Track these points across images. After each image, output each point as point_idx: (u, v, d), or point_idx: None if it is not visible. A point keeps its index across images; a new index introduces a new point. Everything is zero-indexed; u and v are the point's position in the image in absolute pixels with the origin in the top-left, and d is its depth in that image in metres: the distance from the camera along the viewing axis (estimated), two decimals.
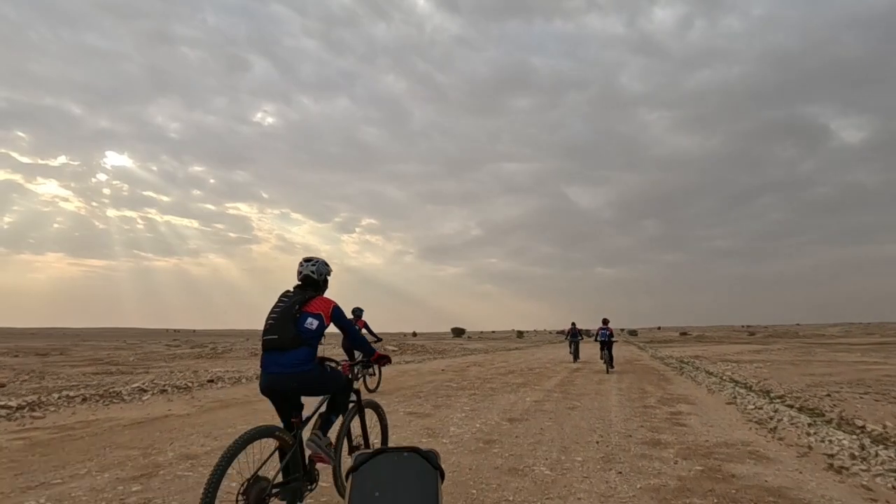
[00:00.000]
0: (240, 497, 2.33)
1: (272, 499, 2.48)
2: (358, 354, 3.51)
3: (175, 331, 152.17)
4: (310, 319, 2.86)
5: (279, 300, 2.96)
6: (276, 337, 2.79)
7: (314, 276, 3.10)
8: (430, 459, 1.06)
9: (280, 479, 2.62)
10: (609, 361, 13.84)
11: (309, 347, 2.84)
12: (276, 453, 2.68)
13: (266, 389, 2.84)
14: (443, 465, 1.12)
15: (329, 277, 3.25)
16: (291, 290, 3.06)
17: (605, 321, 15.19)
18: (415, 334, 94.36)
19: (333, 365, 3.11)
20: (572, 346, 19.05)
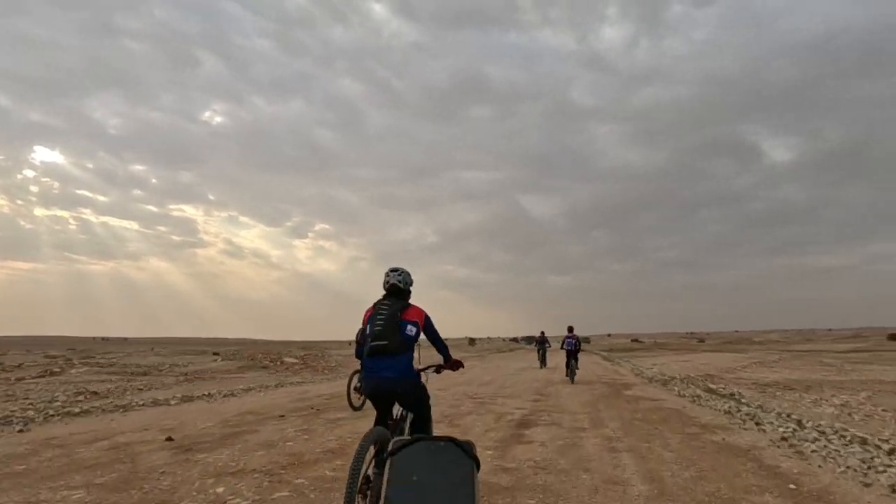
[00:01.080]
0: (358, 497, 2.26)
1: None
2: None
3: (104, 339, 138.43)
4: (409, 326, 3.11)
5: (379, 308, 3.17)
6: (386, 343, 3.01)
7: (401, 286, 3.33)
8: (465, 449, 1.01)
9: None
10: (573, 371, 13.08)
11: (411, 352, 3.12)
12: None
13: (374, 392, 3.10)
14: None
15: (412, 288, 3.45)
16: (385, 298, 3.27)
17: (571, 329, 14.33)
18: None
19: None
20: (540, 353, 20.38)
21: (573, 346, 13.41)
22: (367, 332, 3.13)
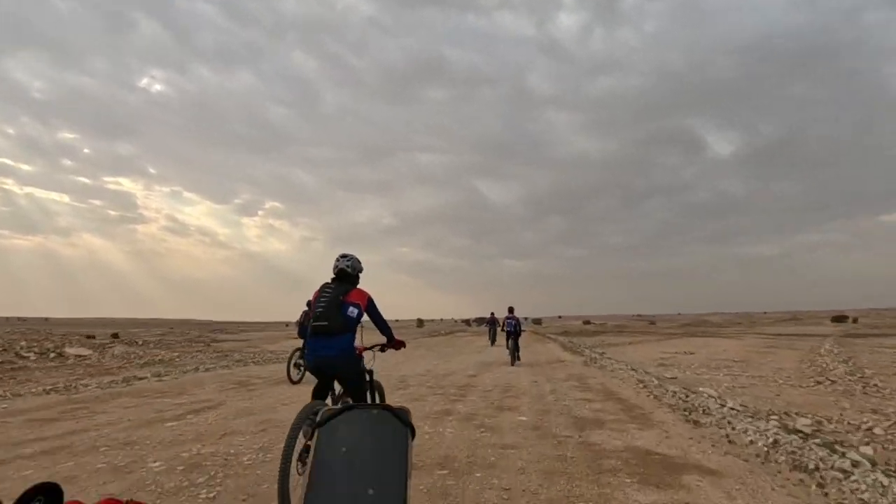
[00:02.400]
0: (298, 466, 2.61)
1: None
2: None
3: (19, 319, 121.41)
4: (351, 308, 3.34)
5: (323, 291, 3.40)
6: (326, 323, 3.24)
7: (349, 271, 3.56)
8: (400, 416, 0.99)
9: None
10: (514, 353, 12.52)
11: (352, 333, 3.36)
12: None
13: (315, 369, 3.37)
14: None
15: (361, 274, 3.68)
16: (331, 282, 3.51)
17: (511, 310, 13.85)
18: None
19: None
20: (491, 333, 22.21)
21: (513, 327, 13.11)
22: (312, 313, 3.34)
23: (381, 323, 3.69)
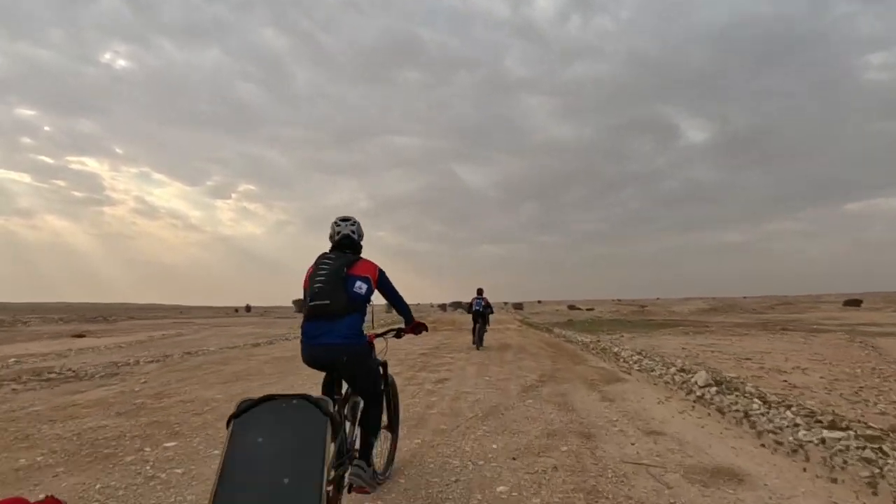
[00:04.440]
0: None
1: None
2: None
3: None
4: (358, 283, 2.55)
5: (320, 263, 2.58)
6: (327, 302, 2.42)
7: (354, 237, 2.74)
8: (320, 406, 0.96)
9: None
10: (481, 335, 12.14)
11: (359, 315, 2.54)
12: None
13: (312, 361, 2.48)
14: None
15: (363, 242, 2.84)
16: (330, 252, 2.69)
17: (480, 291, 13.17)
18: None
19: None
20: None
21: (481, 307, 12.43)
22: (308, 292, 2.53)
23: (397, 301, 2.85)
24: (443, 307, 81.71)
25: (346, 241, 2.71)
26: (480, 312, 12.39)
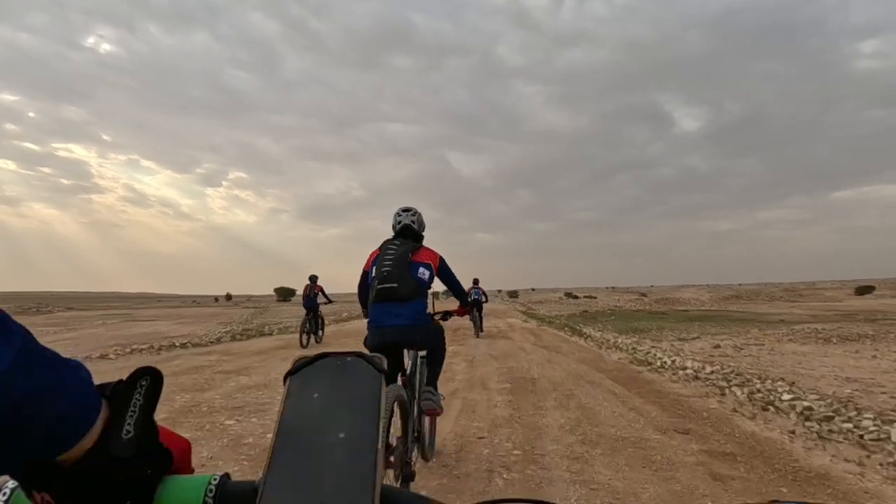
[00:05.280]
0: (390, 458, 2.29)
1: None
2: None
3: None
4: (421, 269, 2.74)
5: (387, 248, 2.77)
6: (395, 285, 2.60)
7: (415, 227, 2.92)
8: (374, 363, 0.72)
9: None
10: (480, 324, 12.85)
11: (424, 299, 2.72)
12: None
13: (381, 344, 2.59)
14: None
15: (424, 233, 3.03)
16: (394, 238, 2.87)
17: (476, 281, 13.78)
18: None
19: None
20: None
21: (480, 296, 13.05)
22: (373, 275, 2.71)
23: (456, 287, 3.06)
24: (435, 296, 76.71)
25: (407, 231, 2.88)
26: (479, 302, 12.73)
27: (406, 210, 2.94)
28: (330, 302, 11.26)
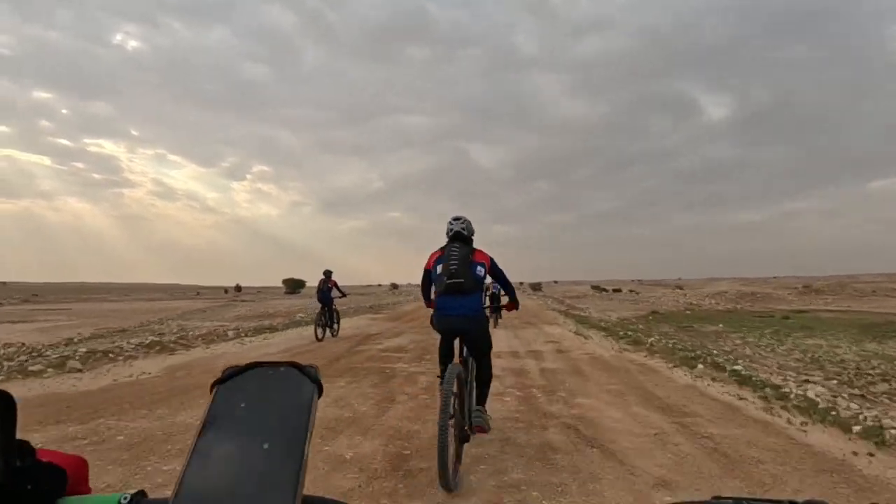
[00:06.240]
0: (450, 424, 2.69)
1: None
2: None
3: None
4: (479, 268, 3.25)
5: (451, 250, 3.27)
6: (462, 281, 3.13)
7: (465, 233, 3.41)
8: (307, 373, 0.75)
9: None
10: (497, 317, 13.10)
11: (481, 293, 3.27)
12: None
13: (447, 328, 3.25)
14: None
15: (474, 237, 3.51)
16: (453, 242, 3.35)
17: None
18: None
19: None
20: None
21: (498, 291, 12.30)
22: (439, 271, 3.25)
23: (506, 284, 3.65)
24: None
25: (458, 236, 3.39)
26: (497, 296, 12.28)
27: (457, 219, 3.47)
28: (344, 296, 11.25)
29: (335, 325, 11.03)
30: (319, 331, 10.40)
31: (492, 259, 3.40)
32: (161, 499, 0.49)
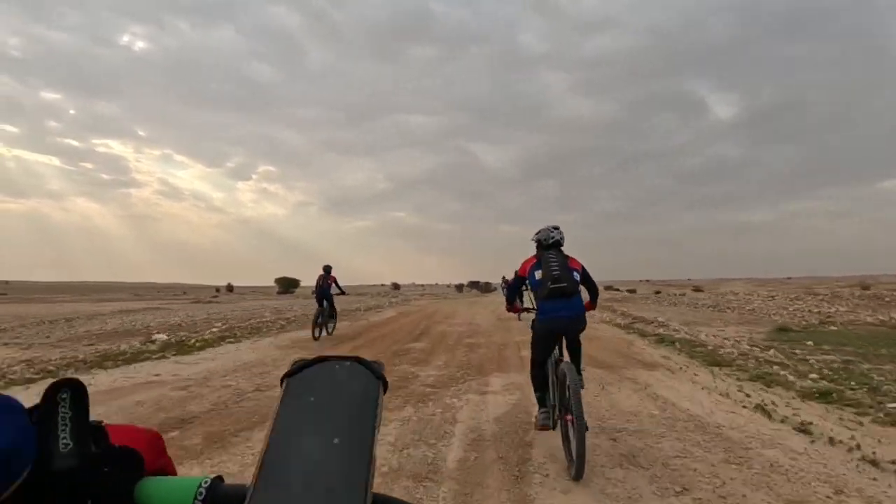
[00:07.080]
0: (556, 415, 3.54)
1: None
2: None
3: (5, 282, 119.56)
4: (575, 273, 3.60)
5: (549, 257, 3.63)
6: (566, 285, 3.47)
7: (561, 242, 3.82)
8: (373, 369, 0.75)
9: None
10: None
11: (580, 295, 3.61)
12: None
13: (554, 329, 3.60)
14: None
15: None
16: (550, 250, 3.72)
17: (504, 278, 17.96)
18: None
19: None
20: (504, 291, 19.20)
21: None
22: (542, 277, 3.56)
23: (593, 288, 3.91)
24: (459, 288, 71.30)
25: (557, 245, 3.77)
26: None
27: (555, 228, 3.83)
28: (343, 293, 11.01)
29: (332, 324, 10.71)
30: (316, 330, 10.07)
31: (583, 265, 3.76)
32: (239, 484, 0.50)
